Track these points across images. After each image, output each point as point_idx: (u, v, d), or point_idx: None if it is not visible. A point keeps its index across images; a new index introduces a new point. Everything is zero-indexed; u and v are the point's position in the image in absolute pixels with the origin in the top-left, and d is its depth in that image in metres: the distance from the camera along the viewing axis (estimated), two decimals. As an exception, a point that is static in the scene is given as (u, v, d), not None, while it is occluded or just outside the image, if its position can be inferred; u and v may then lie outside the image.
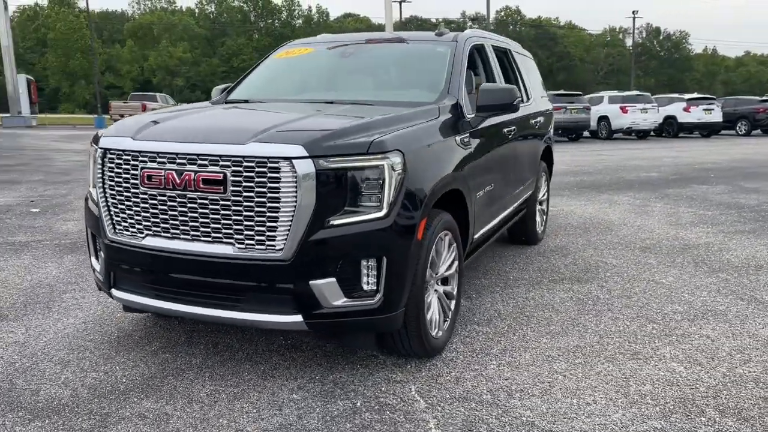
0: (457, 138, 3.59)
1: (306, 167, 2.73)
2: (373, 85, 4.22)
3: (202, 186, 2.84)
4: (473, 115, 3.87)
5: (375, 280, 2.90)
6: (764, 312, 4.10)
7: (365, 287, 2.90)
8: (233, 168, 2.80)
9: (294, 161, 2.73)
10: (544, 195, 6.11)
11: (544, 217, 6.18)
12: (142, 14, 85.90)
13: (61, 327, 3.83)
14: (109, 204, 3.14)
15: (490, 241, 4.49)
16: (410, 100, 3.78)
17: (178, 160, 2.89)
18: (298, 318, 2.87)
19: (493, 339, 3.67)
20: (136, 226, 3.06)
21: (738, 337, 3.68)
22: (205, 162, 2.84)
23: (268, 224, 2.79)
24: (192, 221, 2.91)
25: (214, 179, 2.82)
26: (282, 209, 2.77)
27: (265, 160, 2.76)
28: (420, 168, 3.08)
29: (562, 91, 23.53)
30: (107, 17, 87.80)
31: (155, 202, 2.98)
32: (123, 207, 3.09)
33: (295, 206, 2.75)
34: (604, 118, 23.24)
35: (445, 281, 3.58)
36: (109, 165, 3.11)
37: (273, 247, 2.80)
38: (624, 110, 22.73)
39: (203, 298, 2.99)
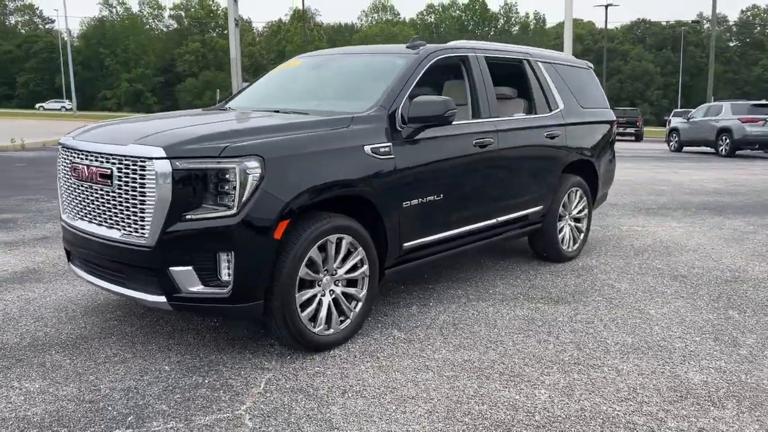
0: (368, 147, 3.73)
1: (164, 167, 3.15)
2: (324, 96, 4.50)
3: (99, 179, 3.40)
4: (405, 126, 3.95)
5: (231, 272, 3.23)
6: (722, 356, 3.62)
7: (223, 278, 3.24)
8: (117, 165, 3.31)
9: (155, 161, 3.16)
10: (580, 212, 5.78)
11: (581, 235, 5.84)
12: (369, 26, 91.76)
13: (68, 292, 4.66)
14: (62, 190, 3.84)
15: (451, 252, 4.47)
16: (341, 109, 3.99)
17: (89, 157, 3.48)
18: (163, 299, 3.29)
19: (395, 344, 3.75)
20: (73, 209, 3.72)
21: (651, 377, 3.34)
22: (103, 159, 3.39)
23: (139, 214, 3.26)
24: (97, 208, 3.48)
25: (105, 174, 3.36)
26: (147, 202, 3.21)
27: (136, 159, 3.23)
28: (288, 173, 3.32)
29: (763, 101, 20.76)
30: (339, 30, 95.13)
31: (79, 190, 3.61)
32: (66, 193, 3.77)
33: (155, 200, 3.18)
34: (819, 133, 20.03)
35: (352, 283, 3.76)
36: (60, 158, 3.81)
37: (143, 235, 3.26)
38: None
39: (108, 275, 3.55)
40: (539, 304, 4.52)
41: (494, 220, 4.77)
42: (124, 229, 3.34)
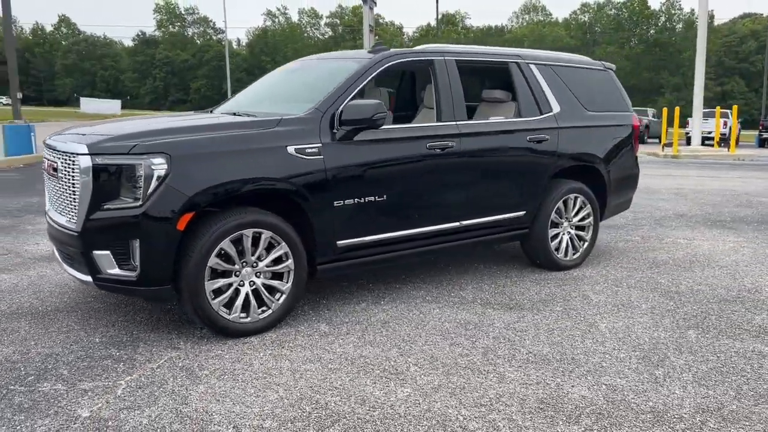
0: (292, 147, 3.93)
1: (86, 162, 3.58)
2: (281, 99, 4.74)
3: (52, 172, 3.92)
4: (340, 129, 4.10)
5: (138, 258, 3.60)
6: (631, 374, 3.41)
7: (135, 262, 3.62)
8: (60, 160, 3.80)
9: (80, 156, 3.61)
10: (582, 220, 5.52)
11: (583, 244, 5.58)
12: (518, 28, 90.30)
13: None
14: (44, 182, 4.44)
15: (404, 253, 4.52)
16: (282, 111, 4.22)
17: (49, 153, 4.02)
18: (90, 278, 3.73)
19: (311, 337, 3.91)
20: (49, 201, 4.29)
21: (530, 387, 3.24)
22: (55, 155, 3.90)
23: (73, 203, 3.72)
24: (54, 196, 4.01)
25: (54, 167, 3.87)
26: (75, 192, 3.67)
27: (70, 154, 3.70)
28: (195, 169, 3.62)
29: None
30: (488, 32, 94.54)
31: (47, 181, 4.16)
32: (44, 185, 4.35)
33: (80, 190, 3.62)
34: None
35: (278, 276, 3.99)
36: (44, 154, 4.41)
37: (75, 222, 3.72)
38: None
39: (64, 256, 4.07)
40: (490, 309, 4.45)
41: (457, 224, 4.74)
42: (66, 216, 3.83)
